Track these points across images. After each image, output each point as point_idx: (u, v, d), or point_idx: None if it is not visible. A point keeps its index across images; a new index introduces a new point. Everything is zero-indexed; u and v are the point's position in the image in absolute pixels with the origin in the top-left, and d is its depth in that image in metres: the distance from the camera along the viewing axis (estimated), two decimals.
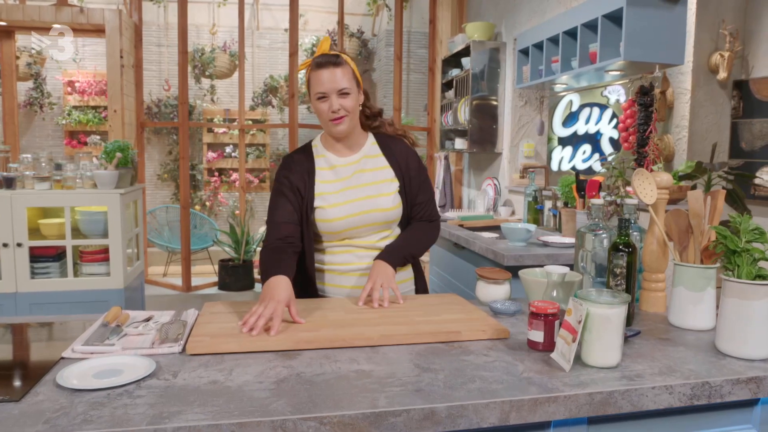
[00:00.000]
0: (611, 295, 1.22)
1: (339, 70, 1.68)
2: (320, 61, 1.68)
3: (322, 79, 1.67)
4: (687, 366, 1.21)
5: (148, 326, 1.38)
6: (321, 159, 1.81)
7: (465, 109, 4.19)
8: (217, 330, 1.33)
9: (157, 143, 6.98)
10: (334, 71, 1.67)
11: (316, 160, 1.81)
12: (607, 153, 4.02)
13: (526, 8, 3.85)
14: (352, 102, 1.71)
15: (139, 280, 3.82)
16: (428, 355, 1.26)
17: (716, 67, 3.18)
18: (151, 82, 6.78)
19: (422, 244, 1.83)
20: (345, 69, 1.69)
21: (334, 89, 1.67)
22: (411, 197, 1.82)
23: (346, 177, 1.78)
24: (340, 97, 1.68)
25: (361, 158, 1.81)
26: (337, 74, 1.67)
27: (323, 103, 1.69)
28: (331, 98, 1.68)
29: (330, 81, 1.66)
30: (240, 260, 4.98)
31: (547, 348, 1.28)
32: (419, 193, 1.84)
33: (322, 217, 1.74)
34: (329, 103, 1.68)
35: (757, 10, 3.31)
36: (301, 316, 1.46)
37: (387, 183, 1.79)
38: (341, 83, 1.67)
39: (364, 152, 1.82)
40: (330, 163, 1.80)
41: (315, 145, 1.85)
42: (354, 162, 1.80)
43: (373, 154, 1.82)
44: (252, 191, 7.08)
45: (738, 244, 1.29)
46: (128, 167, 3.36)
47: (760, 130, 3.42)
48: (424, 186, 1.85)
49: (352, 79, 1.71)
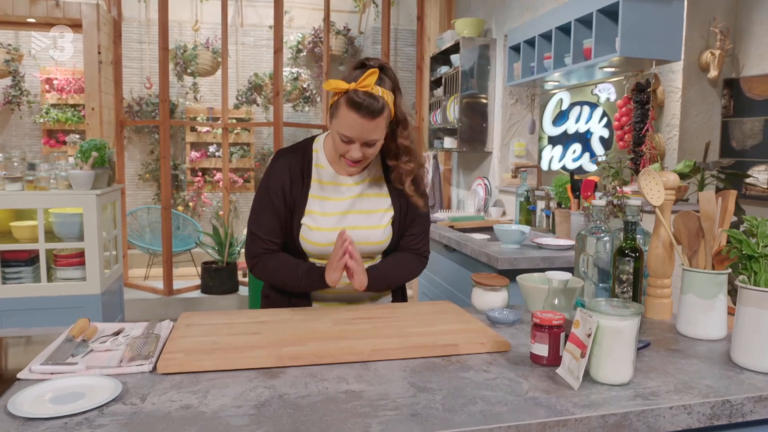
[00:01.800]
0: (623, 306, 1.12)
1: (375, 122, 1.45)
2: (359, 102, 1.42)
3: (352, 124, 1.44)
4: (704, 381, 1.12)
5: (117, 341, 1.26)
6: (322, 171, 1.62)
7: (454, 108, 4.09)
8: (192, 345, 1.22)
9: (139, 142, 6.81)
10: (370, 123, 1.45)
11: (315, 169, 1.61)
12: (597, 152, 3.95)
13: (516, 4, 3.77)
14: (376, 150, 1.52)
15: (118, 284, 3.68)
16: (424, 371, 1.15)
17: (707, 65, 3.12)
18: (132, 80, 6.61)
19: (400, 277, 1.68)
20: (382, 119, 1.46)
21: (363, 139, 1.47)
22: (403, 227, 1.67)
23: (343, 199, 1.61)
24: (365, 146, 1.49)
25: (364, 180, 1.63)
26: (371, 126, 1.45)
27: (345, 145, 1.49)
28: (354, 147, 1.49)
29: (361, 131, 1.45)
30: (223, 263, 4.85)
31: (552, 362, 1.18)
32: (413, 225, 1.68)
33: (306, 237, 1.58)
34: (351, 150, 1.49)
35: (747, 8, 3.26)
36: (286, 326, 1.36)
37: (382, 214, 1.63)
38: (372, 135, 1.47)
39: (369, 174, 1.64)
40: (330, 178, 1.61)
41: (316, 150, 1.64)
42: (357, 183, 1.62)
43: (377, 177, 1.66)
44: (236, 191, 6.94)
45: (755, 249, 1.20)
46: (105, 167, 3.22)
47: (751, 129, 3.36)
48: (420, 219, 1.68)
49: (386, 127, 1.50)
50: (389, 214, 1.64)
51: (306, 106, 6.99)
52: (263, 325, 1.37)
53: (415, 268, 1.71)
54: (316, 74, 6.97)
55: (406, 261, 1.68)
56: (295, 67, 6.91)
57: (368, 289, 1.56)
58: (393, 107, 1.50)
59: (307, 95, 6.91)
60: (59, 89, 6.51)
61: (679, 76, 2.89)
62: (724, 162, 3.54)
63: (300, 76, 6.81)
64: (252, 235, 1.62)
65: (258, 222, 1.61)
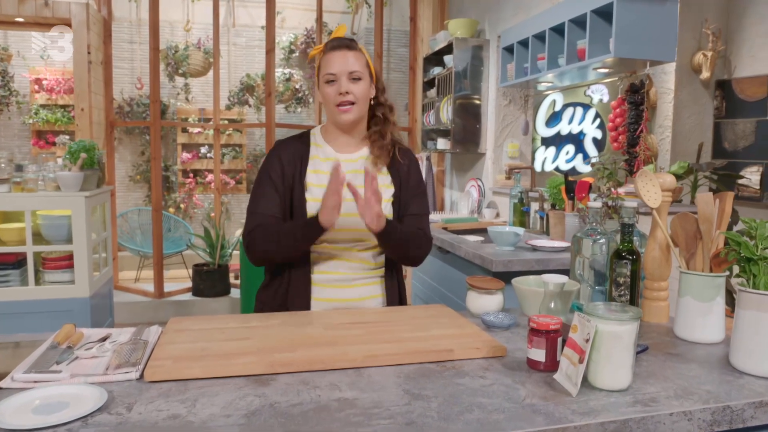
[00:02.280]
0: (621, 310, 1.10)
1: (352, 54, 1.59)
2: (334, 45, 1.60)
3: (332, 61, 1.58)
4: (703, 387, 1.10)
5: (103, 347, 1.23)
6: (318, 149, 1.67)
7: (448, 109, 4.07)
8: (180, 352, 1.19)
9: (130, 143, 6.75)
10: (347, 54, 1.58)
11: (313, 148, 1.67)
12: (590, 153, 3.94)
13: (510, 4, 3.75)
14: (362, 89, 1.59)
15: (108, 287, 3.64)
16: (418, 378, 1.12)
17: (699, 66, 3.12)
18: (123, 80, 6.55)
19: (413, 243, 1.64)
20: (358, 54, 1.60)
21: (345, 71, 1.57)
22: (403, 208, 1.68)
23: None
24: (351, 82, 1.57)
25: (360, 158, 1.67)
26: (349, 57, 1.58)
27: (331, 86, 1.58)
28: (340, 81, 1.57)
29: (341, 63, 1.57)
30: (215, 265, 4.80)
31: (549, 368, 1.16)
32: (411, 204, 1.68)
33: (308, 211, 1.59)
34: (338, 85, 1.57)
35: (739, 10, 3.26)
36: (277, 331, 1.33)
37: (382, 189, 1.62)
38: (353, 66, 1.57)
39: (363, 153, 1.68)
40: (327, 155, 1.66)
41: (314, 133, 1.72)
42: (353, 160, 1.66)
43: (375, 154, 1.67)
44: (228, 193, 6.89)
45: (754, 252, 1.18)
46: (94, 168, 3.18)
47: (743, 130, 3.36)
48: (418, 199, 1.69)
49: (365, 66, 1.61)
50: (390, 191, 1.66)
51: (298, 107, 6.95)
52: (254, 331, 1.34)
53: (423, 244, 1.68)
54: (308, 75, 6.94)
55: (416, 233, 1.66)
56: (288, 68, 6.87)
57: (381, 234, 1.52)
58: (369, 59, 1.62)
59: (300, 96, 6.87)
60: (49, 89, 6.44)
61: (671, 77, 2.89)
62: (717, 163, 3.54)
63: (292, 76, 6.78)
64: (249, 214, 1.63)
65: (256, 199, 1.63)
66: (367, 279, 1.65)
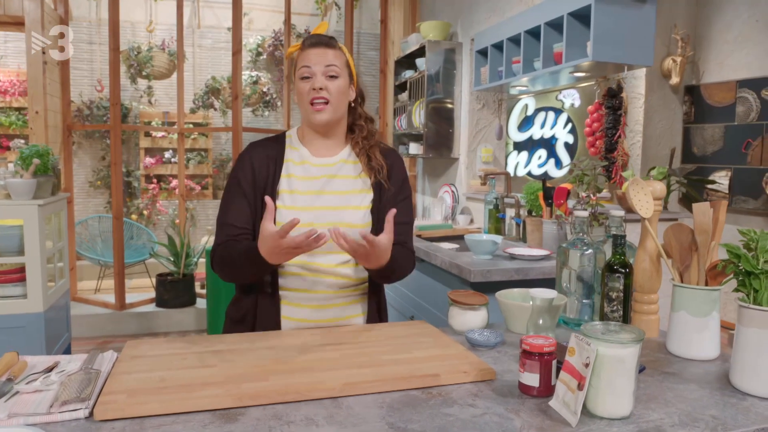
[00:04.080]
0: (621, 330, 1.02)
1: (332, 51, 1.48)
2: (313, 41, 1.49)
3: (310, 55, 1.47)
4: (708, 411, 1.02)
5: (48, 379, 1.09)
6: (293, 152, 1.54)
7: (420, 113, 3.99)
8: (136, 383, 1.06)
9: (90, 148, 6.49)
10: (326, 51, 1.48)
11: (287, 151, 1.55)
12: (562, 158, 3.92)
13: (483, 7, 3.69)
14: (339, 87, 1.47)
15: (65, 299, 3.44)
16: (402, 407, 1.02)
17: (669, 71, 3.11)
18: (83, 82, 6.30)
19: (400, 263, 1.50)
20: (338, 53, 1.50)
21: (321, 66, 1.46)
22: (383, 215, 1.51)
23: (316, 177, 1.51)
24: (327, 79, 1.46)
25: (338, 162, 1.54)
26: (328, 54, 1.47)
27: (305, 82, 1.46)
28: (315, 76, 1.46)
29: (318, 58, 1.46)
30: (180, 274, 4.62)
31: (542, 393, 1.07)
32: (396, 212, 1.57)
33: (278, 219, 1.43)
34: (313, 80, 1.46)
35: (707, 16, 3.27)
36: (245, 356, 1.21)
37: (359, 195, 1.52)
38: (332, 61, 1.47)
39: (341, 156, 1.56)
40: (302, 158, 1.53)
41: (289, 135, 1.59)
42: (330, 165, 1.53)
43: (352, 160, 1.56)
44: (193, 199, 6.67)
45: (755, 266, 1.11)
46: (48, 175, 2.99)
47: (712, 135, 3.38)
48: (402, 205, 1.55)
49: (345, 66, 1.50)
50: (369, 196, 1.53)
51: (266, 110, 6.79)
52: (220, 356, 1.22)
53: (407, 262, 1.55)
54: (276, 78, 6.79)
55: (402, 254, 1.51)
56: (255, 71, 6.71)
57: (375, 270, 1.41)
58: (350, 59, 1.53)
59: (268, 99, 6.72)
60: (2, 92, 6.15)
61: (641, 82, 2.87)
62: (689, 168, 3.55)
63: (260, 79, 6.61)
64: (218, 225, 1.50)
65: (225, 210, 1.50)
66: (348, 297, 1.52)
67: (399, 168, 1.60)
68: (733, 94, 3.21)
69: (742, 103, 3.17)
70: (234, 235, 1.47)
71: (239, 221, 1.47)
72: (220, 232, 1.49)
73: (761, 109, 3.04)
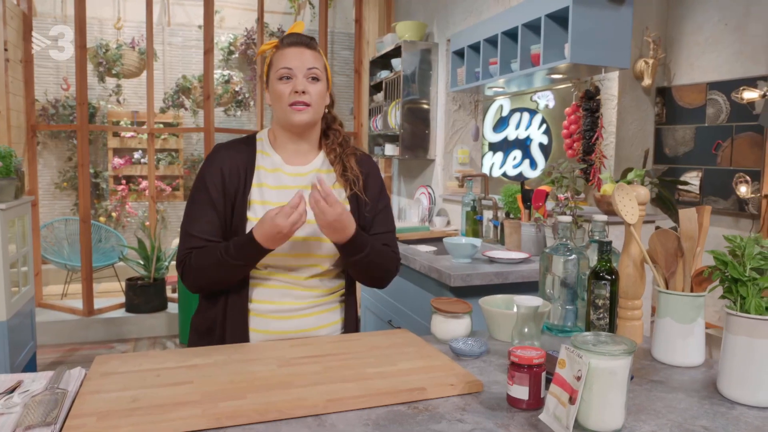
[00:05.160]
0: (612, 341, 1.00)
1: (311, 52, 1.42)
2: (292, 40, 1.43)
3: (290, 55, 1.41)
4: (698, 422, 1.01)
5: (11, 401, 1.03)
6: (264, 158, 1.47)
7: (396, 113, 3.96)
8: (106, 404, 1.00)
9: (55, 148, 6.30)
10: (306, 52, 1.42)
11: (259, 157, 1.47)
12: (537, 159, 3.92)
13: (460, 7, 3.68)
14: (320, 90, 1.42)
15: (29, 306, 3.32)
16: (388, 424, 0.98)
17: (641, 73, 3.14)
18: (48, 81, 6.11)
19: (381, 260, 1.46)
20: (317, 55, 1.44)
21: (303, 68, 1.40)
22: (365, 225, 1.49)
23: (289, 187, 1.44)
24: (308, 81, 1.41)
25: (311, 171, 1.48)
26: (309, 55, 1.42)
27: (285, 83, 1.40)
28: (296, 78, 1.40)
29: (300, 59, 1.40)
30: (150, 278, 4.50)
31: (532, 406, 1.04)
32: (375, 221, 1.50)
33: None
34: (294, 83, 1.39)
35: (677, 19, 3.32)
36: (222, 371, 1.16)
37: None
38: (313, 63, 1.41)
39: (315, 165, 1.49)
40: (274, 165, 1.46)
41: (260, 138, 1.51)
42: (303, 174, 1.47)
43: (325, 169, 1.50)
44: (164, 200, 6.53)
45: (743, 273, 1.10)
46: (11, 178, 2.87)
47: (683, 136, 3.42)
48: (382, 215, 1.51)
49: (324, 69, 1.45)
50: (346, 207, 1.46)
51: (238, 110, 6.68)
52: (195, 371, 1.16)
53: (391, 263, 1.50)
54: (249, 77, 6.69)
55: (384, 251, 1.48)
56: (227, 70, 6.60)
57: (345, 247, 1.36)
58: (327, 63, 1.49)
59: (240, 99, 6.61)
60: None
61: (614, 83, 2.89)
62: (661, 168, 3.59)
63: (232, 78, 6.51)
64: (183, 235, 1.42)
65: (191, 219, 1.42)
66: (320, 307, 1.46)
67: (375, 177, 1.56)
68: (704, 96, 3.26)
69: (712, 105, 3.21)
70: (198, 248, 1.39)
71: (205, 233, 1.40)
72: (184, 241, 1.41)
73: (731, 111, 3.08)
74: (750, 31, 3.01)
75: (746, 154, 3.05)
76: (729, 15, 3.12)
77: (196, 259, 1.38)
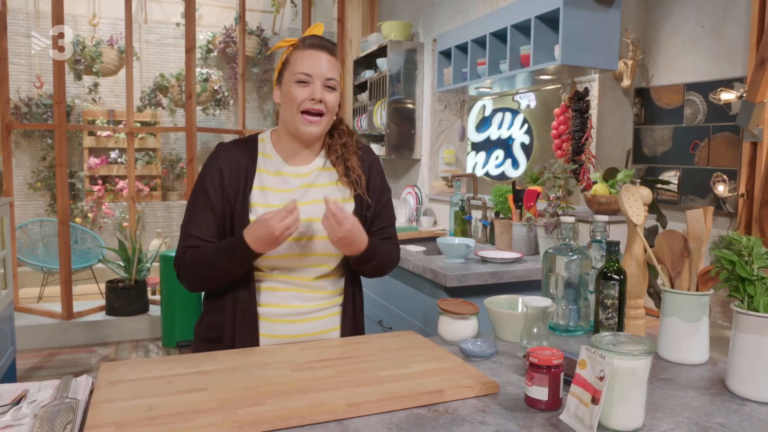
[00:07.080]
0: (631, 342, 1.01)
1: (333, 59, 1.39)
2: (314, 42, 1.38)
3: (310, 60, 1.36)
4: (714, 419, 1.03)
5: (20, 412, 0.99)
6: (266, 161, 1.44)
7: (382, 113, 3.96)
8: (123, 414, 0.97)
9: (28, 148, 6.15)
10: (327, 57, 1.38)
11: (260, 159, 1.44)
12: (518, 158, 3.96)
13: (446, 8, 3.69)
14: (334, 101, 1.39)
15: (8, 311, 3.23)
16: (412, 428, 0.98)
17: (620, 74, 3.19)
18: (20, 78, 5.96)
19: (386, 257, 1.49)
20: (336, 63, 1.40)
21: (322, 76, 1.36)
22: (370, 221, 1.49)
23: (291, 190, 1.42)
24: (326, 90, 1.37)
25: (313, 171, 1.46)
26: (329, 62, 1.38)
27: (303, 87, 1.36)
28: (314, 84, 1.36)
29: (320, 65, 1.36)
30: (131, 280, 4.42)
31: (551, 406, 1.05)
32: (378, 218, 1.51)
33: None
34: (311, 89, 1.35)
35: (655, 20, 3.37)
36: (235, 377, 1.14)
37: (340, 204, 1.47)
38: (331, 72, 1.38)
39: (317, 165, 1.48)
40: (276, 168, 1.44)
41: (262, 139, 1.48)
42: (305, 174, 1.45)
43: (327, 167, 1.49)
44: (141, 201, 6.42)
45: (751, 272, 1.13)
46: None
47: (661, 137, 3.48)
48: (385, 211, 1.52)
49: (339, 78, 1.42)
50: (349, 205, 1.47)
51: (217, 109, 6.60)
52: (207, 377, 1.14)
53: (395, 255, 1.54)
54: (228, 76, 6.61)
55: (390, 248, 1.51)
56: (206, 68, 6.51)
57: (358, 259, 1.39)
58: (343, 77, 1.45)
59: (219, 98, 6.53)
60: None
61: (595, 84, 2.93)
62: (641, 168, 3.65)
63: (210, 77, 6.43)
64: (183, 233, 1.41)
65: (190, 219, 1.41)
66: (325, 310, 1.46)
67: (377, 170, 1.56)
68: (681, 97, 3.32)
69: (689, 105, 3.27)
70: (195, 246, 1.39)
71: (202, 233, 1.39)
72: (183, 239, 1.41)
73: (708, 112, 3.15)
74: (727, 33, 3.07)
75: (723, 153, 3.11)
76: (706, 17, 3.18)
77: (190, 259, 1.38)
